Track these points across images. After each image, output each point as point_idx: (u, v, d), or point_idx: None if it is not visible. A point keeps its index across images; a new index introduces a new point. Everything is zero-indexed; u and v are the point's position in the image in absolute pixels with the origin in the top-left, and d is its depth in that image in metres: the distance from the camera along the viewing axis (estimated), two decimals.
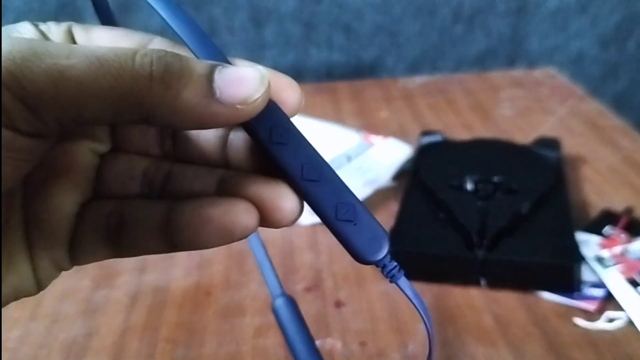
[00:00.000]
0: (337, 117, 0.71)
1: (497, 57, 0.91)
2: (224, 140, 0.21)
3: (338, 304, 0.42)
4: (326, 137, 0.60)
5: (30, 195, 0.20)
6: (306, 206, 0.20)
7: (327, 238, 0.49)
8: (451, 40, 0.88)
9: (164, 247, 0.20)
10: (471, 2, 0.86)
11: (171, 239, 0.20)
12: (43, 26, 0.21)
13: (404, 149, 0.58)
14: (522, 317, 0.40)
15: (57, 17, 0.76)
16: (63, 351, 0.39)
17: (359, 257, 0.20)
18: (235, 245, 0.50)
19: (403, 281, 0.20)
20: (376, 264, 0.20)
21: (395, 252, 0.20)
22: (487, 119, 0.70)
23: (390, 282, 0.20)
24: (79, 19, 0.78)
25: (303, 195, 0.19)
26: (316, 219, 0.19)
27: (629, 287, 0.41)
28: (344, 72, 0.88)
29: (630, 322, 0.39)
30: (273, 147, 0.19)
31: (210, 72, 0.18)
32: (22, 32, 0.20)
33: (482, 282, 0.43)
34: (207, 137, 0.21)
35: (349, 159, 0.56)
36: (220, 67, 0.18)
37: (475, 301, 0.42)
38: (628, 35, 0.92)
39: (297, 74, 0.87)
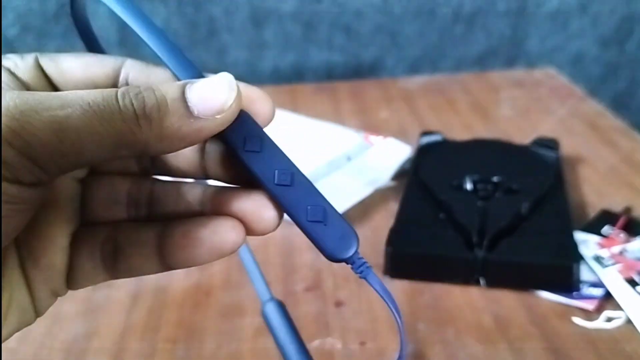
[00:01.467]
0: (337, 117, 0.71)
1: (497, 57, 0.91)
2: (201, 153, 0.22)
3: (338, 304, 0.42)
4: (326, 137, 0.61)
5: (23, 235, 0.20)
6: None
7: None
8: (451, 40, 0.88)
9: (159, 267, 0.22)
10: (471, 2, 0.86)
11: (166, 261, 0.21)
12: (8, 62, 0.21)
13: (404, 149, 0.58)
14: (522, 316, 0.40)
15: (57, 17, 0.76)
16: (63, 351, 0.39)
17: (329, 255, 0.21)
18: None
19: (372, 277, 0.21)
20: (346, 261, 0.21)
21: (395, 252, 0.20)
22: (486, 119, 0.70)
23: (360, 278, 0.21)
24: None
25: (276, 200, 0.20)
26: None
27: (627, 287, 0.41)
28: (344, 72, 0.88)
29: (629, 322, 0.39)
30: (247, 155, 0.20)
31: (182, 93, 0.19)
32: None
33: (482, 282, 0.43)
34: (184, 151, 0.22)
35: (349, 159, 0.56)
36: (189, 84, 0.19)
37: (474, 301, 0.42)
38: (628, 36, 0.92)
39: (297, 74, 0.87)
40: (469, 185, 0.50)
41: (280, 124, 0.64)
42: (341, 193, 0.51)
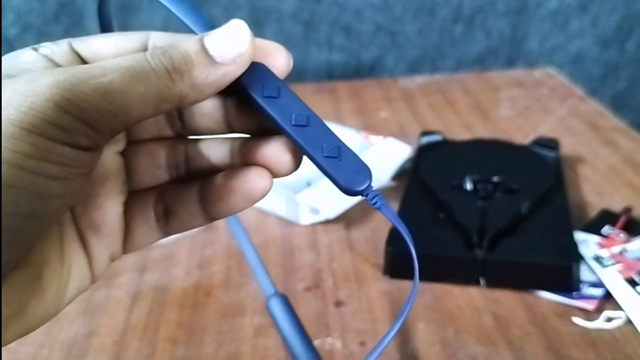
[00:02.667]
0: (337, 117, 0.71)
1: (497, 57, 0.91)
2: (224, 110, 0.24)
3: (338, 304, 0.42)
4: None
5: (82, 208, 0.23)
6: (304, 208, 0.21)
7: (327, 238, 0.49)
8: (451, 40, 0.88)
9: (204, 220, 0.24)
10: (471, 2, 0.86)
11: (209, 213, 0.24)
12: (44, 49, 0.22)
13: (404, 148, 0.58)
14: (522, 316, 0.40)
15: (57, 17, 0.76)
16: (63, 351, 0.39)
17: (345, 188, 0.22)
18: (235, 245, 0.50)
19: (386, 208, 0.23)
20: (360, 193, 0.22)
21: (395, 251, 0.20)
22: (486, 119, 0.70)
23: (375, 209, 0.23)
24: (78, 18, 0.78)
25: (294, 139, 0.22)
26: (316, 219, 0.20)
27: (627, 287, 0.41)
28: (344, 72, 0.88)
29: (629, 322, 0.39)
30: (266, 101, 0.22)
31: (201, 45, 0.21)
32: (29, 60, 0.22)
33: (482, 281, 0.43)
34: (208, 110, 0.24)
35: None
36: (205, 36, 0.21)
37: (474, 301, 0.42)
38: (628, 36, 0.92)
39: (297, 74, 0.87)
40: (469, 185, 0.50)
41: None
42: (341, 193, 0.51)
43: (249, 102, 0.22)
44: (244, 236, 0.30)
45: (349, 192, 0.22)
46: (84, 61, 0.23)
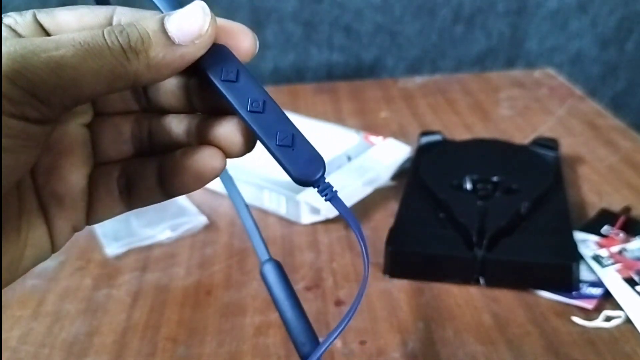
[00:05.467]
0: (337, 117, 0.71)
1: (497, 58, 0.91)
2: (186, 89, 0.24)
3: (338, 303, 0.43)
4: (326, 137, 0.61)
5: (45, 177, 0.23)
6: (304, 208, 0.21)
7: (327, 237, 0.49)
8: (451, 40, 0.89)
9: (162, 196, 0.25)
10: (471, 2, 0.86)
11: (166, 190, 0.24)
12: (8, 19, 0.22)
13: (404, 148, 0.58)
14: (521, 315, 0.41)
15: None
16: (64, 350, 0.39)
17: (296, 178, 0.22)
18: (236, 244, 0.50)
19: (337, 200, 0.23)
20: (312, 184, 0.22)
21: (395, 251, 0.20)
22: (486, 119, 0.70)
23: (325, 201, 0.23)
24: None
25: (248, 125, 0.22)
26: (317, 219, 0.20)
27: (626, 286, 0.41)
28: (344, 72, 0.88)
29: (628, 321, 0.39)
30: (224, 84, 0.22)
31: (161, 25, 0.21)
32: None
33: (481, 281, 0.43)
34: (171, 88, 0.25)
35: (349, 158, 0.56)
36: (167, 16, 0.21)
37: (474, 300, 0.42)
38: (627, 36, 0.92)
39: (298, 74, 0.87)
40: (468, 185, 0.50)
41: None
42: (341, 193, 0.51)
43: (208, 84, 0.22)
44: (242, 201, 0.30)
45: (300, 182, 0.22)
46: (47, 33, 0.23)
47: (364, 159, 0.56)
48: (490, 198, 0.48)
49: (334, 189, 0.23)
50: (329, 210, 0.50)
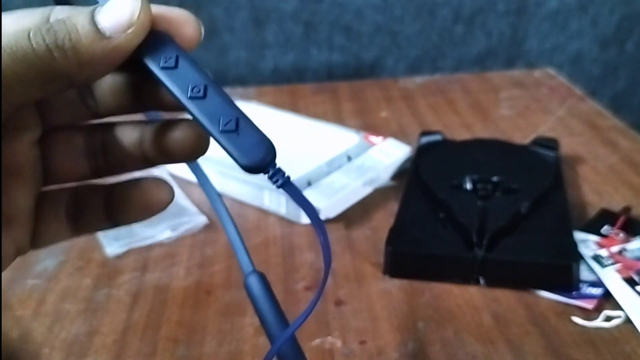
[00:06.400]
0: (337, 117, 0.71)
1: (497, 57, 0.91)
2: (132, 85, 0.24)
3: (338, 303, 0.43)
4: (326, 137, 0.61)
5: None
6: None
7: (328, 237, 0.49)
8: (451, 40, 0.89)
9: (109, 225, 0.24)
10: (471, 2, 0.86)
11: (113, 220, 0.24)
12: None
13: (404, 148, 0.58)
14: (521, 315, 0.41)
15: None
16: (64, 350, 0.39)
17: (243, 164, 0.20)
18: None
19: (290, 186, 0.21)
20: (261, 170, 0.21)
21: (395, 251, 0.20)
22: (486, 118, 0.70)
23: (277, 188, 0.21)
24: None
25: (190, 113, 0.21)
26: None
27: (626, 286, 0.41)
28: (344, 72, 0.88)
29: (628, 321, 0.39)
30: (163, 72, 0.21)
31: (91, 18, 0.20)
32: None
33: (481, 281, 0.43)
34: (117, 86, 0.24)
35: (349, 158, 0.56)
36: (97, 8, 0.20)
37: (474, 300, 0.42)
38: (628, 36, 0.92)
39: (298, 74, 0.87)
40: (468, 185, 0.50)
41: (281, 124, 0.64)
42: (341, 193, 0.51)
43: (149, 74, 0.21)
44: (225, 214, 0.29)
45: (248, 169, 0.21)
46: None
47: (364, 159, 0.56)
48: (490, 198, 0.48)
49: (285, 175, 0.21)
50: (329, 210, 0.50)
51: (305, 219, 0.51)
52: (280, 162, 0.21)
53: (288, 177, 0.21)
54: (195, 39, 0.22)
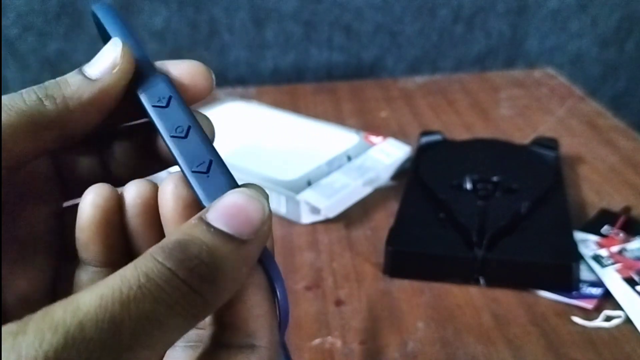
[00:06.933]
0: (337, 117, 0.71)
1: (497, 57, 0.91)
2: (147, 148, 0.24)
3: (338, 303, 0.43)
4: (326, 137, 0.61)
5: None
6: (304, 207, 0.21)
7: (327, 237, 0.49)
8: (451, 40, 0.89)
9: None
10: (471, 2, 0.86)
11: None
12: None
13: (404, 148, 0.58)
14: (521, 315, 0.41)
15: (58, 17, 0.76)
16: None
17: (204, 206, 0.20)
18: None
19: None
20: None
21: (395, 251, 0.20)
22: (486, 118, 0.70)
23: None
24: (79, 18, 0.78)
25: (169, 150, 0.21)
26: (317, 219, 0.19)
27: (626, 286, 0.41)
28: (344, 72, 0.88)
29: (628, 321, 0.39)
30: (154, 109, 0.22)
31: (78, 70, 0.21)
32: None
33: (481, 281, 0.43)
34: (133, 152, 0.24)
35: (349, 158, 0.56)
36: (85, 66, 0.21)
37: (474, 300, 0.42)
38: (627, 36, 0.92)
39: (298, 74, 0.87)
40: (468, 185, 0.50)
41: (281, 124, 0.64)
42: (341, 193, 0.51)
43: (142, 112, 0.22)
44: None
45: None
46: None
47: (364, 159, 0.56)
48: (490, 198, 0.48)
49: None
50: (329, 210, 0.50)
51: (305, 219, 0.51)
52: (280, 162, 0.21)
53: None
54: (208, 89, 0.23)
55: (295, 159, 0.55)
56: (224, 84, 0.83)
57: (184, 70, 0.23)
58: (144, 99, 0.22)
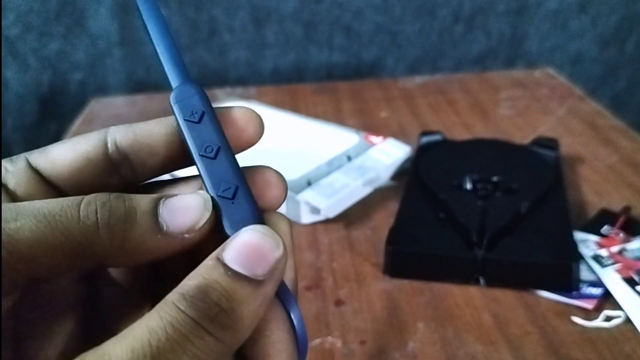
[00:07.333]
0: (337, 117, 0.71)
1: (497, 57, 0.91)
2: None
3: (338, 303, 0.43)
4: (326, 137, 0.61)
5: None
6: (304, 207, 0.21)
7: (327, 237, 0.49)
8: (451, 40, 0.89)
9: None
10: (471, 2, 0.86)
11: None
12: None
13: (404, 148, 0.58)
14: (521, 315, 0.41)
15: (58, 17, 0.76)
16: None
17: (226, 234, 0.20)
18: None
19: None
20: None
21: (395, 251, 0.20)
22: (486, 118, 0.70)
23: None
24: (79, 18, 0.78)
25: (197, 168, 0.21)
26: (317, 219, 0.19)
27: (626, 286, 0.41)
28: (344, 72, 0.88)
29: (628, 321, 0.39)
30: (186, 123, 0.21)
31: (154, 207, 0.18)
32: None
33: (481, 281, 0.43)
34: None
35: (349, 158, 0.56)
36: (164, 199, 0.19)
37: (474, 300, 0.42)
38: (627, 36, 0.92)
39: (298, 74, 0.87)
40: (468, 185, 0.50)
41: (281, 124, 0.64)
42: (341, 193, 0.51)
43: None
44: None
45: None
46: (42, 176, 0.21)
47: (364, 159, 0.56)
48: (490, 198, 0.48)
49: None
50: (329, 210, 0.50)
51: (305, 219, 0.51)
52: (280, 162, 0.22)
53: None
54: (258, 135, 0.22)
55: (295, 159, 0.55)
56: (224, 84, 0.83)
57: (237, 116, 0.22)
58: (176, 110, 0.21)
